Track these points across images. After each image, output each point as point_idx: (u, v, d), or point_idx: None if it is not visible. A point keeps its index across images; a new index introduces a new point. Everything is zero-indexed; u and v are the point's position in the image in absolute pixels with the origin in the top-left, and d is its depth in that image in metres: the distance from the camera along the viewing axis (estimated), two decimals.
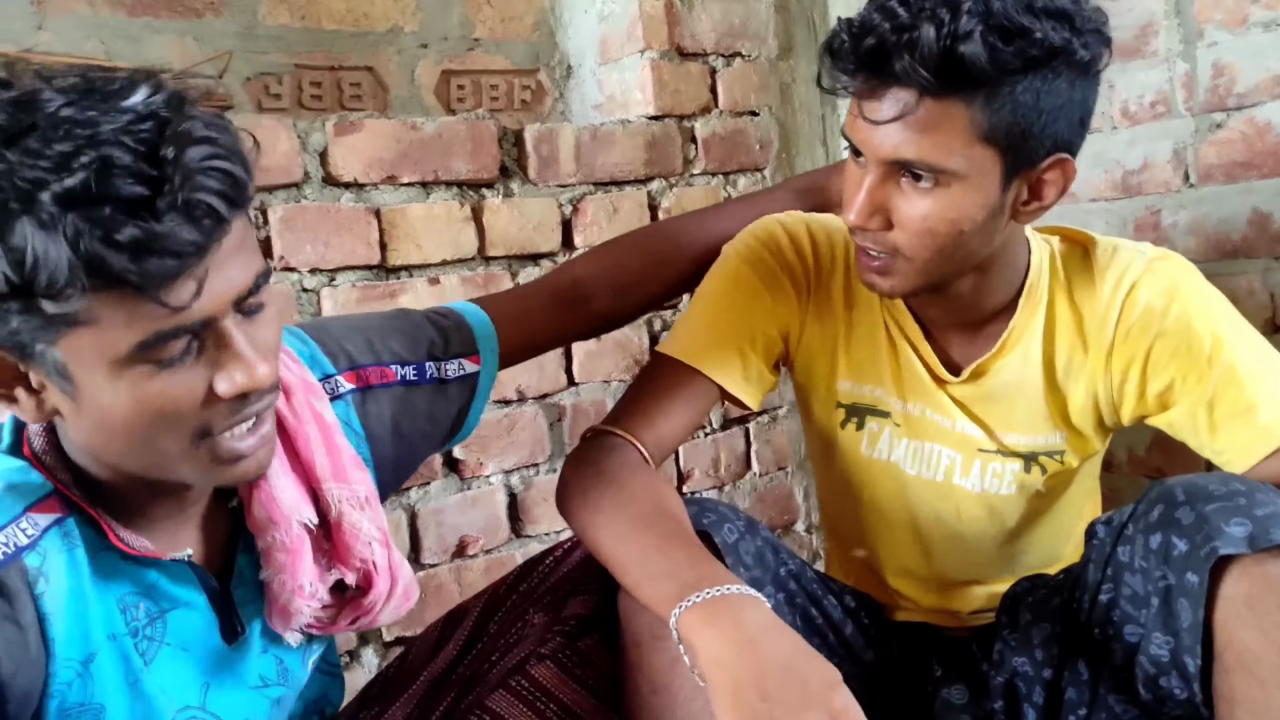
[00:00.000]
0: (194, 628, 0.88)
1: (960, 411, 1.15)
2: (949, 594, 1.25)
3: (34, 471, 0.80)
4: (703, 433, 1.94)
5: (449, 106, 1.87)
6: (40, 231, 0.66)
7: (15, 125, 0.68)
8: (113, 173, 0.66)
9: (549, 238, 1.74)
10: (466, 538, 1.67)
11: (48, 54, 1.49)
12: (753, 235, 1.20)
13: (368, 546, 0.94)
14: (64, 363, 0.72)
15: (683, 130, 1.89)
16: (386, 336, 1.06)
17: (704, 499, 1.11)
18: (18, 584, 0.76)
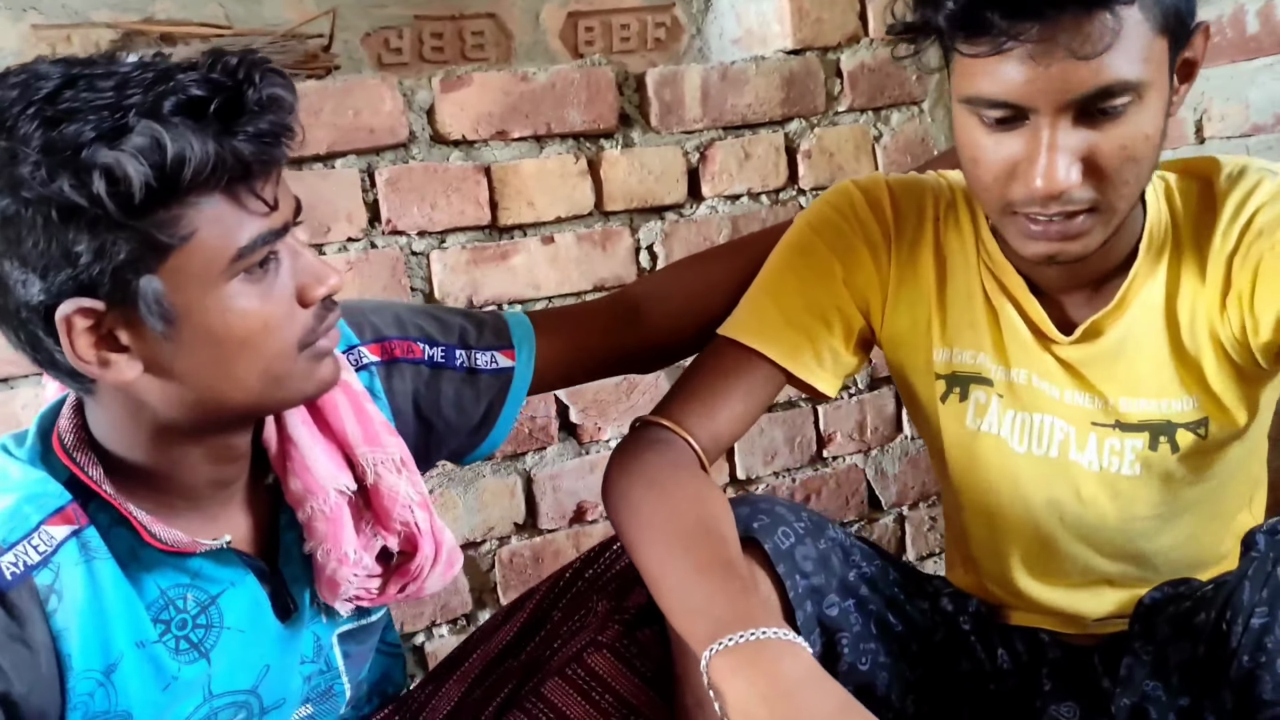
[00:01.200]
0: (247, 608, 0.88)
1: (1069, 378, 1.01)
2: (1072, 594, 1.09)
3: (52, 482, 0.80)
4: (846, 393, 1.81)
5: (576, 50, 1.79)
6: (172, 132, 0.70)
7: (88, 71, 0.72)
8: (206, 83, 0.72)
9: (673, 189, 1.64)
10: (585, 503, 1.63)
11: (169, 20, 1.51)
12: (824, 199, 1.08)
13: (406, 509, 0.92)
14: (164, 292, 0.73)
15: (826, 64, 1.74)
16: (416, 316, 1.02)
17: (760, 498, 1.02)
18: (28, 604, 0.76)
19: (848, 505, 1.83)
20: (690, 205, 1.66)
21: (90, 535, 0.80)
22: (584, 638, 1.02)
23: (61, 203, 0.69)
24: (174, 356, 0.76)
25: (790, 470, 1.78)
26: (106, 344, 0.75)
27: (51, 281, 0.72)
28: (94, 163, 0.68)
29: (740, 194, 1.69)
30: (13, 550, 0.76)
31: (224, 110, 0.72)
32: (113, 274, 0.72)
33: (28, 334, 0.75)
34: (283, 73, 0.76)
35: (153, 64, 0.74)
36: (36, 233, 0.70)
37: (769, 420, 1.76)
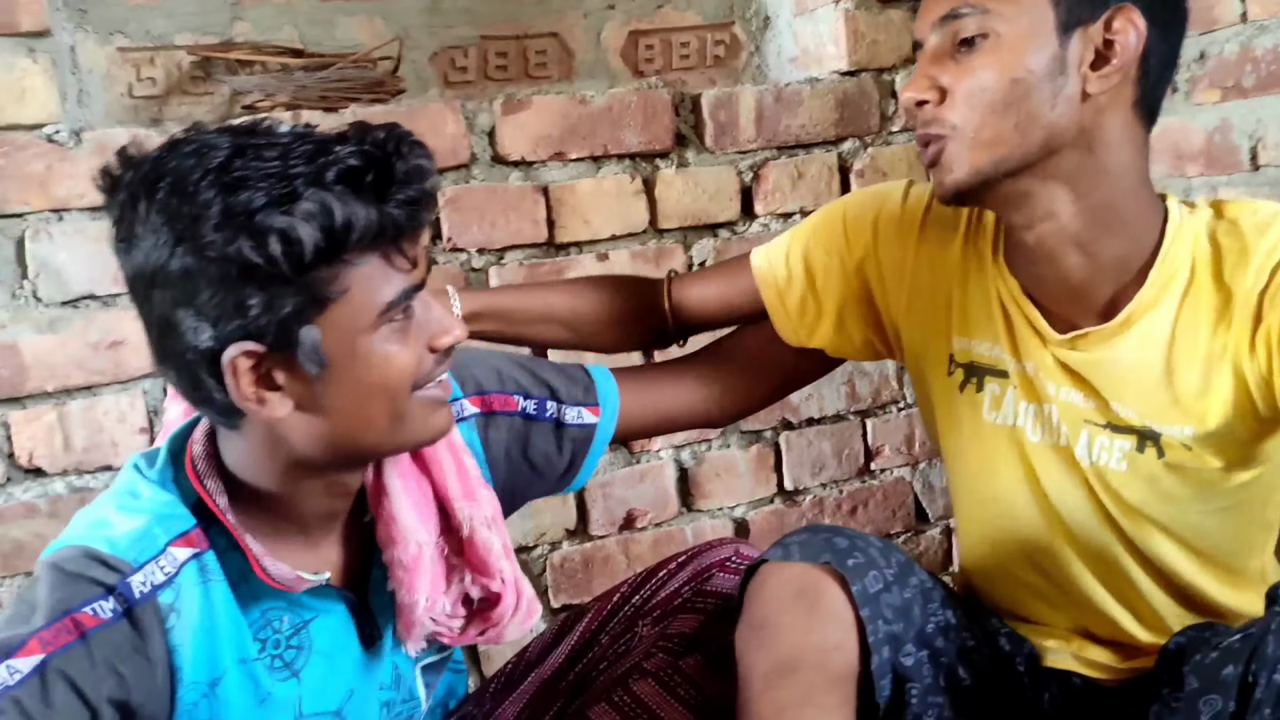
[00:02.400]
0: (337, 635, 0.95)
1: (1065, 376, 1.05)
2: (1093, 615, 1.11)
3: (180, 505, 0.88)
4: (895, 406, 1.84)
5: (636, 69, 1.83)
6: (337, 200, 0.78)
7: (253, 141, 0.81)
8: (361, 155, 0.80)
9: (726, 207, 1.68)
10: (635, 510, 1.69)
11: (246, 44, 1.58)
12: (876, 185, 1.20)
13: (498, 562, 0.98)
14: (320, 341, 0.81)
15: (880, 85, 1.76)
16: (512, 368, 1.09)
17: (857, 534, 1.05)
18: (151, 620, 0.84)
19: (894, 517, 1.86)
20: (743, 223, 1.70)
21: (209, 559, 0.87)
22: (629, 662, 1.06)
23: (241, 262, 0.77)
24: (321, 396, 0.84)
25: (838, 482, 1.82)
26: (264, 384, 0.82)
27: (222, 330, 0.80)
28: (270, 226, 0.77)
29: (793, 212, 1.72)
30: (142, 570, 0.84)
31: (378, 180, 0.80)
32: (278, 324, 0.80)
33: (190, 375, 0.83)
34: (424, 145, 0.85)
35: (309, 135, 0.82)
36: (213, 286, 0.78)
37: (816, 433, 1.79)
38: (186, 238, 0.78)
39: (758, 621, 0.99)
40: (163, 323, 0.81)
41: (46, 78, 1.34)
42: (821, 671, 0.97)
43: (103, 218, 1.38)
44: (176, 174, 0.79)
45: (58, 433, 1.37)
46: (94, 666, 0.80)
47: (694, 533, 1.72)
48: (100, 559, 0.83)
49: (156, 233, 0.79)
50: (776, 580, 1.01)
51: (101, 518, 0.87)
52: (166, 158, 0.81)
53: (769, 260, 1.19)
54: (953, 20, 0.95)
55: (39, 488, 1.37)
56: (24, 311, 1.35)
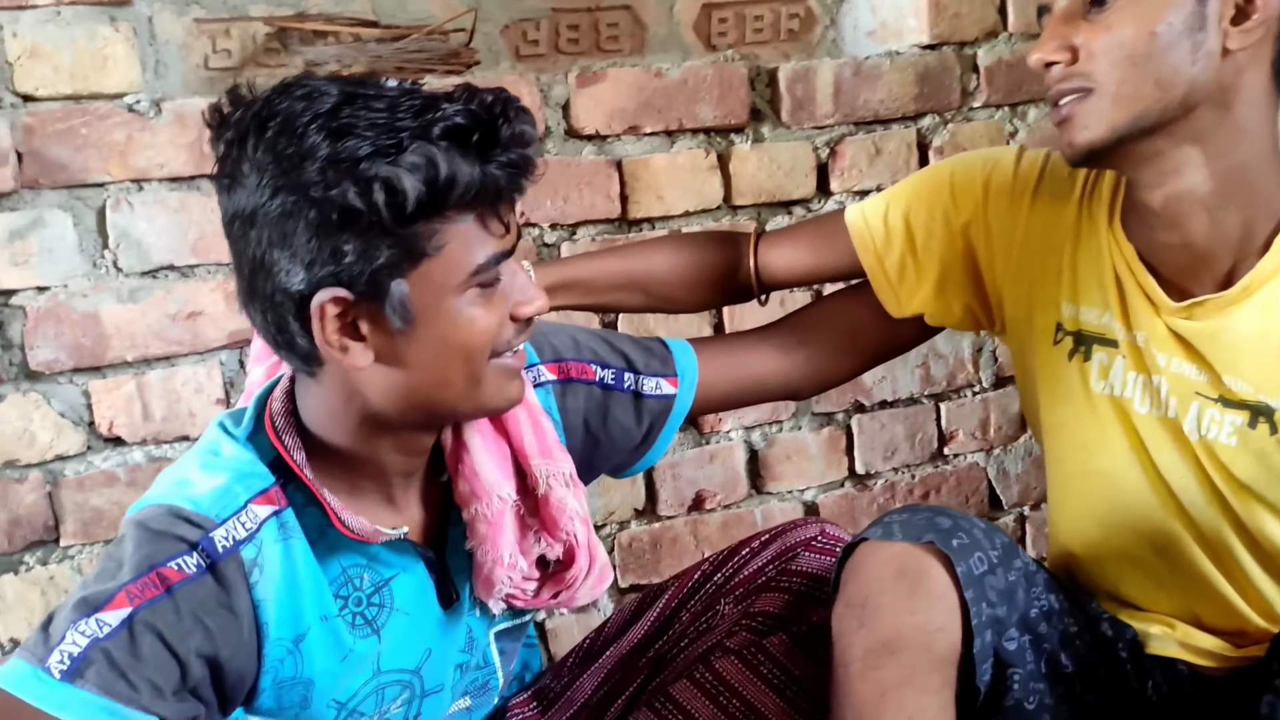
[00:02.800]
0: (415, 594, 0.95)
1: (1178, 346, 1.02)
2: (1200, 596, 1.07)
3: (260, 464, 0.88)
4: (970, 390, 1.80)
5: (709, 42, 1.79)
6: (444, 153, 0.78)
7: (362, 91, 0.81)
8: (468, 114, 0.80)
9: (802, 184, 1.65)
10: (704, 491, 1.67)
11: (321, 15, 1.57)
12: (980, 150, 1.18)
13: (572, 521, 0.97)
14: (409, 296, 0.82)
15: (962, 59, 1.71)
16: (590, 339, 1.08)
17: (962, 515, 1.03)
18: (235, 574, 0.84)
19: (967, 504, 1.83)
20: (819, 200, 1.67)
21: (288, 516, 0.88)
22: (711, 639, 1.05)
23: (343, 206, 0.78)
24: (402, 351, 0.84)
25: (910, 466, 1.78)
26: (348, 332, 0.83)
27: (314, 274, 0.80)
28: (375, 174, 0.77)
29: (870, 189, 1.68)
30: (224, 525, 0.85)
31: (483, 140, 0.80)
32: (370, 273, 0.80)
33: (277, 317, 0.83)
34: (529, 112, 0.85)
35: (417, 91, 0.83)
36: (311, 230, 0.79)
37: (890, 416, 1.76)
38: (290, 179, 0.78)
39: (858, 601, 0.97)
40: (256, 263, 0.82)
41: (128, 47, 1.35)
42: (925, 653, 0.95)
43: (182, 188, 1.40)
44: (286, 115, 0.80)
45: (137, 402, 1.38)
46: (181, 620, 0.81)
47: (763, 515, 1.70)
48: (184, 516, 0.84)
49: (261, 171, 0.79)
50: (878, 559, 0.99)
51: (184, 476, 0.88)
52: (277, 99, 0.81)
53: (866, 219, 1.15)
54: None
55: (118, 456, 1.38)
56: (105, 281, 1.35)
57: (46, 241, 1.32)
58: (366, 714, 0.95)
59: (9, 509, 1.34)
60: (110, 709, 0.77)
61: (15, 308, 1.32)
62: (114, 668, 0.78)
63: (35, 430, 1.34)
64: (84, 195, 1.34)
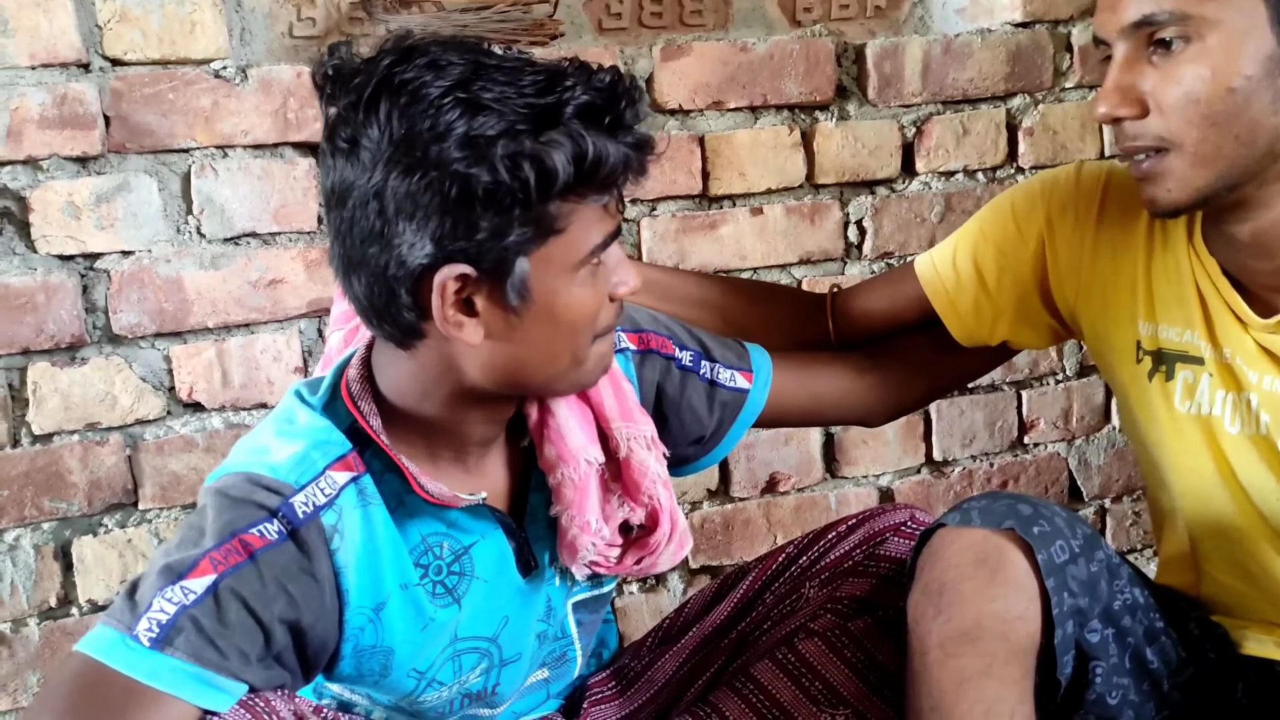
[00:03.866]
0: (495, 561, 0.94)
1: (1269, 363, 0.97)
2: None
3: (336, 431, 0.87)
4: (1053, 379, 1.76)
5: (794, 18, 1.75)
6: (587, 134, 0.77)
7: (485, 61, 0.79)
8: (596, 91, 0.79)
9: (886, 163, 1.61)
10: (778, 474, 1.64)
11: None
12: (1043, 172, 1.13)
13: (654, 483, 0.96)
14: (528, 274, 0.81)
15: (1055, 37, 1.66)
16: (669, 320, 1.06)
17: (1043, 503, 1.00)
18: (316, 540, 0.84)
19: (1047, 494, 1.78)
20: (903, 180, 1.63)
21: (366, 482, 0.87)
22: (795, 622, 1.03)
23: (486, 184, 0.76)
24: (514, 328, 0.83)
25: (989, 455, 1.74)
26: (463, 308, 0.81)
27: (444, 248, 0.78)
28: (524, 151, 0.76)
29: (956, 171, 1.64)
30: (304, 491, 0.84)
31: (614, 120, 0.79)
32: (499, 250, 0.79)
33: (385, 288, 0.81)
34: (643, 90, 0.85)
35: (533, 63, 0.81)
36: (447, 204, 0.77)
37: (969, 402, 1.72)
38: (430, 152, 0.76)
39: (935, 588, 0.95)
40: (372, 233, 0.79)
41: (215, 13, 1.35)
42: (1004, 642, 0.92)
43: (265, 156, 1.39)
44: (416, 85, 0.77)
45: (216, 368, 1.38)
46: (265, 586, 0.80)
47: (837, 500, 1.67)
48: (262, 483, 0.83)
49: (394, 144, 0.77)
50: (957, 546, 0.96)
51: (261, 444, 0.87)
52: (401, 66, 0.78)
53: (935, 267, 1.13)
54: (1146, 26, 0.87)
55: (197, 422, 1.39)
56: (188, 247, 1.36)
57: (131, 206, 1.33)
58: (445, 683, 0.94)
59: (89, 471, 1.35)
60: (200, 675, 0.77)
61: (100, 271, 1.33)
62: (202, 634, 0.77)
63: (116, 394, 1.35)
64: (169, 160, 1.35)
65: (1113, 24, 0.89)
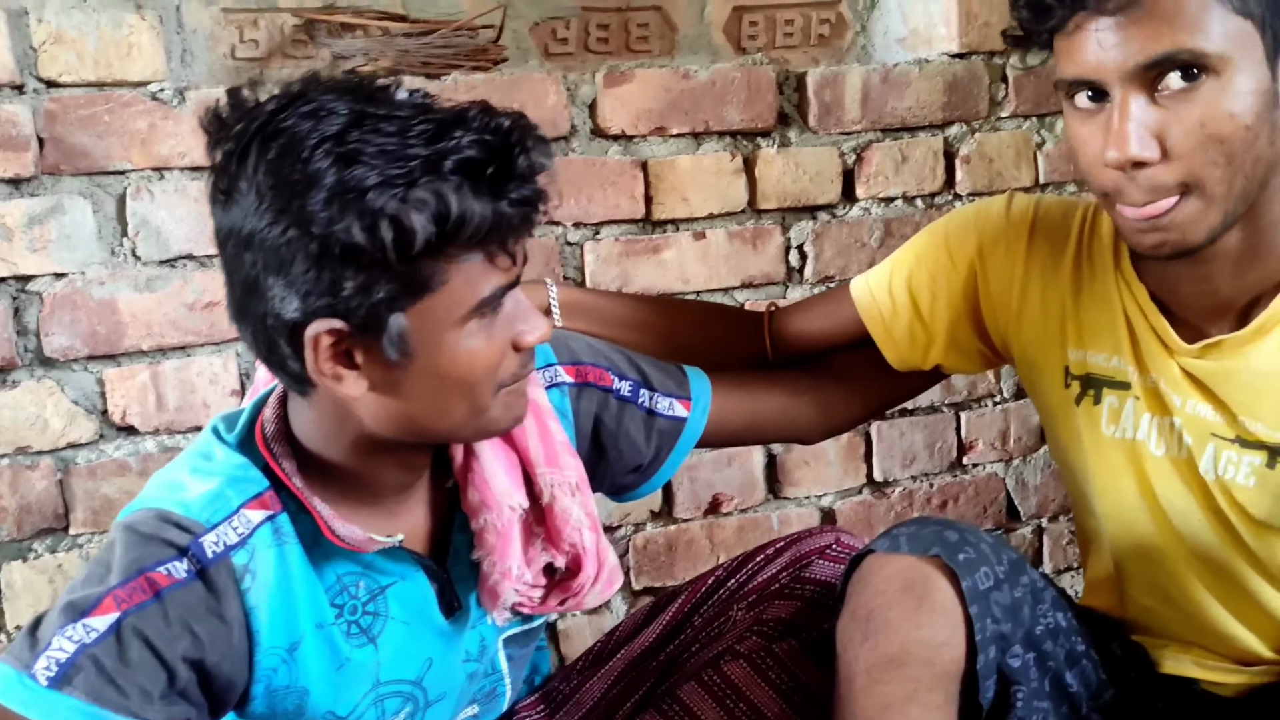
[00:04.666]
0: (414, 601, 0.93)
1: (1193, 388, 0.99)
2: (1218, 633, 1.06)
3: (253, 468, 0.86)
4: (990, 401, 1.78)
5: (739, 45, 1.78)
6: (455, 192, 0.75)
7: (372, 110, 0.77)
8: (482, 145, 0.77)
9: (827, 189, 1.63)
10: (720, 495, 1.65)
11: (350, 9, 1.57)
12: (977, 201, 1.14)
13: (577, 531, 0.95)
14: (407, 330, 0.79)
15: (991, 68, 1.69)
16: (608, 349, 1.06)
17: (969, 528, 1.01)
18: (225, 580, 0.83)
19: (985, 514, 1.81)
20: (843, 206, 1.65)
21: (282, 521, 0.86)
22: (722, 644, 1.04)
23: (346, 242, 0.75)
24: (399, 382, 0.81)
25: (928, 475, 1.76)
26: (342, 361, 0.80)
27: (310, 304, 0.77)
28: (383, 210, 0.74)
29: (895, 197, 1.67)
30: (215, 530, 0.83)
31: (497, 174, 0.77)
32: (369, 308, 0.77)
33: (267, 339, 0.81)
34: (546, 140, 0.82)
35: (429, 109, 0.79)
36: (310, 261, 0.76)
37: (909, 424, 1.74)
38: (292, 206, 0.75)
39: (863, 614, 0.96)
40: (249, 284, 0.79)
41: (153, 35, 1.34)
42: (928, 668, 0.93)
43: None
44: (291, 135, 0.76)
45: (151, 391, 1.37)
46: (169, 625, 0.79)
47: (780, 520, 1.69)
48: (173, 521, 0.82)
49: (261, 194, 0.76)
50: (885, 572, 0.97)
51: (175, 480, 0.86)
52: (282, 114, 0.77)
53: (870, 292, 1.14)
54: (1158, 67, 0.84)
55: (130, 445, 1.38)
56: (122, 269, 1.35)
57: (65, 228, 1.32)
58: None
59: (19, 496, 1.34)
60: (98, 715, 0.76)
61: (32, 294, 1.32)
62: (102, 674, 0.76)
63: (48, 417, 1.34)
64: (104, 182, 1.34)
65: (1116, 65, 0.85)
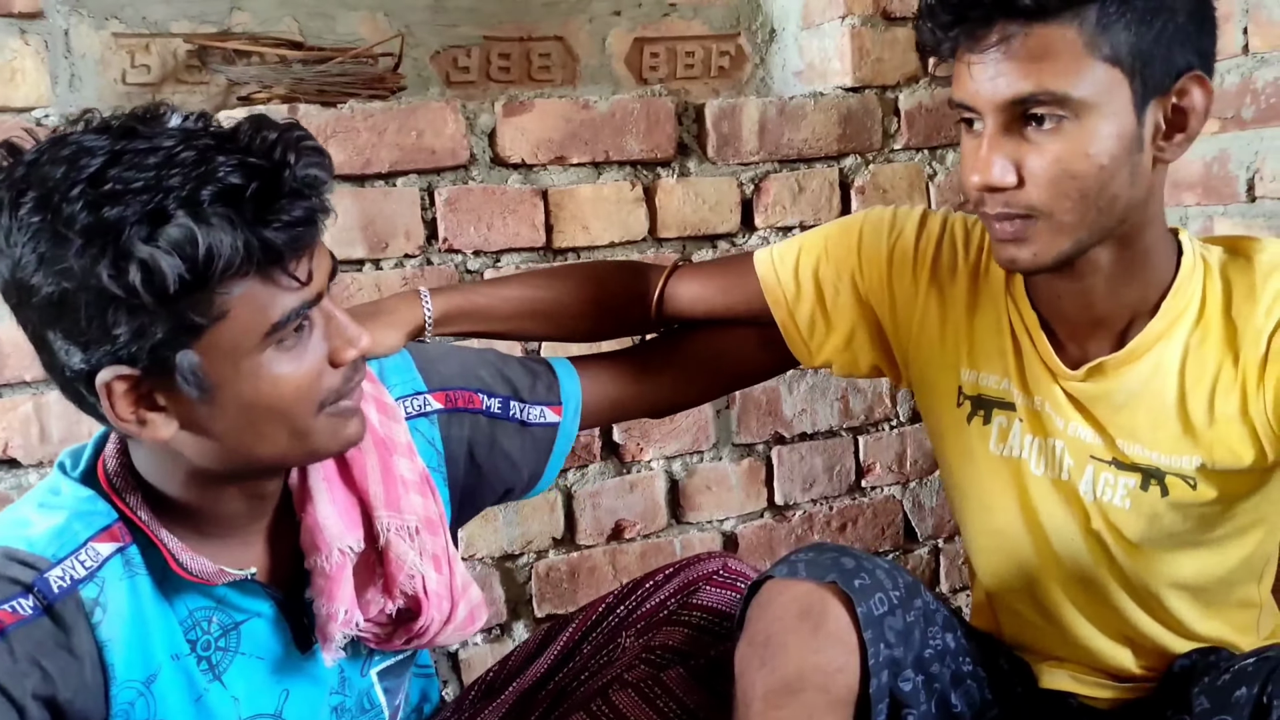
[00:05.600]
0: (267, 638, 0.92)
1: (1074, 411, 1.04)
2: (1101, 633, 1.11)
3: (100, 501, 0.85)
4: (887, 424, 1.83)
5: (640, 76, 1.81)
6: (205, 226, 0.73)
7: (132, 145, 0.75)
8: (244, 169, 0.74)
9: (726, 218, 1.66)
10: (623, 521, 1.66)
11: (245, 35, 1.56)
12: (893, 207, 1.17)
13: (410, 579, 0.94)
14: (200, 364, 0.77)
15: (884, 102, 1.74)
16: (478, 365, 1.06)
17: (865, 556, 1.04)
18: (74, 615, 0.81)
19: (883, 535, 1.85)
20: (743, 235, 1.68)
21: (133, 552, 0.85)
22: (611, 673, 1.05)
23: (101, 289, 0.73)
24: (209, 418, 0.80)
25: (828, 499, 1.80)
26: (145, 404, 0.79)
27: (92, 354, 0.76)
28: (130, 254, 0.72)
29: (793, 226, 1.70)
30: (60, 565, 0.82)
31: (260, 197, 0.75)
32: (150, 350, 0.76)
33: (72, 391, 0.81)
34: (321, 150, 0.79)
35: (197, 135, 0.76)
36: (79, 312, 0.74)
37: (809, 448, 1.77)
38: (49, 258, 0.73)
39: (761, 639, 0.97)
40: (36, 339, 0.79)
41: (38, 60, 1.32)
42: (824, 694, 0.95)
43: None
44: (45, 184, 0.74)
45: (34, 423, 1.34)
46: (16, 662, 0.78)
47: (682, 545, 1.70)
48: (17, 558, 0.81)
49: (21, 247, 0.74)
50: (782, 598, 0.99)
51: (22, 517, 0.85)
52: (40, 161, 0.75)
53: (776, 272, 1.16)
54: (1020, 105, 0.90)
55: (12, 479, 1.34)
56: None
57: None
58: None
59: None
60: None
61: None
62: None
63: None
64: None
65: (987, 97, 0.91)
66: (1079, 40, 0.87)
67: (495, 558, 1.60)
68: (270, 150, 0.76)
